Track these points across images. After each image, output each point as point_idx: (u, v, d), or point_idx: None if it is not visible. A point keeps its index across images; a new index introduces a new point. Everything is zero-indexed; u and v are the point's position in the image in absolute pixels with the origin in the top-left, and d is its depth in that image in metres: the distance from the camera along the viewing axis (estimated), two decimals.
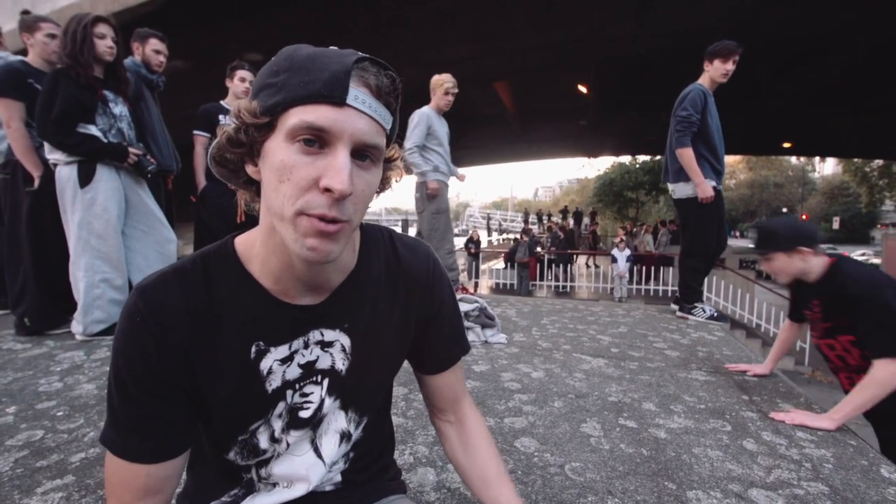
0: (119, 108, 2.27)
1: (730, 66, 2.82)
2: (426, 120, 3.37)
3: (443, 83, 3.40)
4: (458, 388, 0.73)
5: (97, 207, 2.17)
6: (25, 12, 2.61)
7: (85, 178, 2.14)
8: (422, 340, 0.68)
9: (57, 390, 1.65)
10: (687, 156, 2.83)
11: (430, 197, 3.45)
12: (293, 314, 0.55)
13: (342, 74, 0.44)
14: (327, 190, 0.43)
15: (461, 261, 13.29)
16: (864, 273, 1.57)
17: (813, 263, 1.65)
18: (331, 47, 0.48)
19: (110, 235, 2.20)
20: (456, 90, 3.44)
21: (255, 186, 0.52)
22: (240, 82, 3.02)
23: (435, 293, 0.67)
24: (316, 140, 0.44)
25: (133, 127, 2.35)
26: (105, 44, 2.14)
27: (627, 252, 9.39)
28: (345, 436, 0.64)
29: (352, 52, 0.47)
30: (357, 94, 0.45)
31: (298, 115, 0.43)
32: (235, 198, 0.58)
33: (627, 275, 9.23)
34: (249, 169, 0.50)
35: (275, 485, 0.61)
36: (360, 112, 0.45)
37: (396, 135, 0.54)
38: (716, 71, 2.84)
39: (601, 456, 1.28)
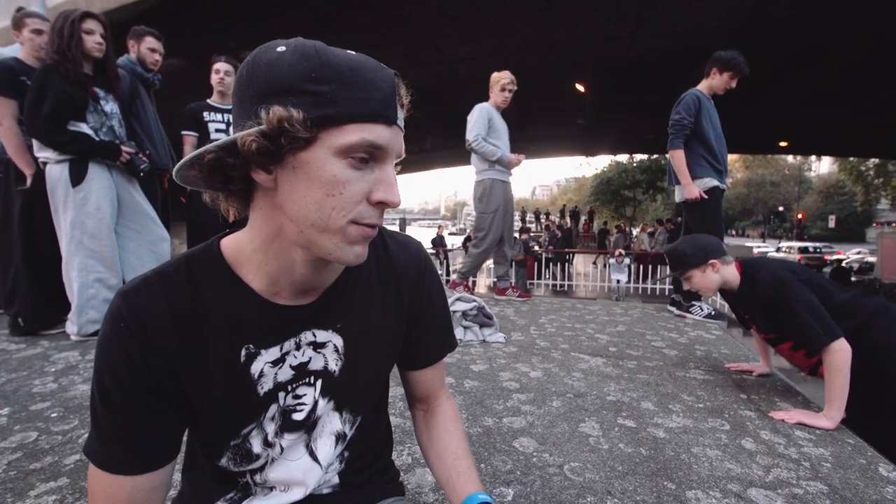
0: (110, 106, 2.24)
1: (733, 84, 2.91)
2: (486, 113, 3.33)
3: (499, 80, 3.36)
4: (437, 382, 0.74)
5: (90, 206, 2.14)
6: (20, 9, 2.58)
7: (77, 177, 2.12)
8: (410, 337, 0.68)
9: (51, 391, 1.64)
10: (677, 157, 2.92)
11: (483, 195, 3.40)
12: (284, 315, 0.54)
13: (392, 95, 0.46)
14: (380, 203, 0.47)
15: (458, 260, 13.29)
16: (770, 275, 1.63)
17: (727, 273, 1.75)
18: (350, 51, 0.47)
19: (104, 235, 2.18)
20: (514, 87, 3.40)
21: (247, 192, 0.50)
22: (214, 74, 2.96)
23: (425, 290, 0.67)
24: (369, 157, 0.46)
25: (123, 125, 2.32)
26: (93, 39, 2.10)
27: (626, 262, 8.86)
28: (340, 437, 0.63)
29: (380, 65, 0.48)
30: (399, 113, 0.48)
31: (358, 134, 0.44)
32: None
33: (625, 279, 8.96)
34: (260, 177, 0.46)
35: (271, 489, 0.60)
36: (400, 129, 0.48)
37: None
38: (720, 82, 2.93)
39: (600, 456, 1.28)
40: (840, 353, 1.48)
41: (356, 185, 0.45)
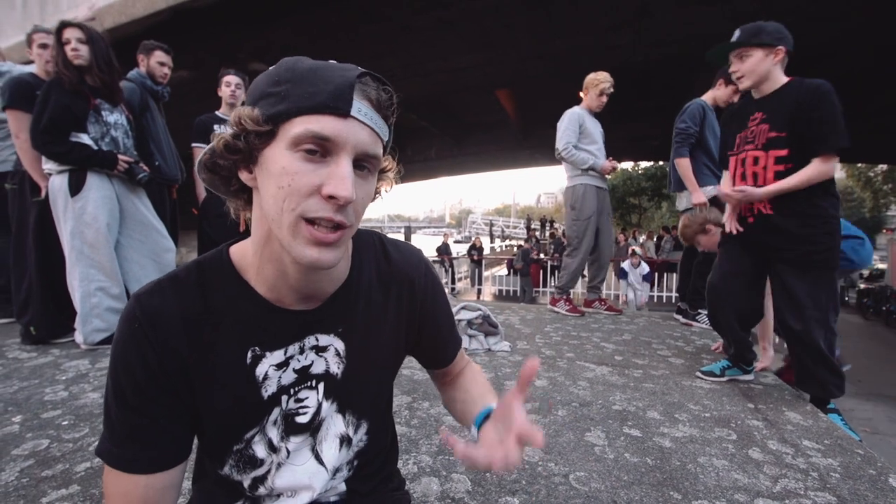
0: (114, 117, 2.25)
1: (735, 98, 2.93)
2: (577, 119, 3.27)
3: (598, 83, 3.27)
4: (461, 364, 0.77)
5: (87, 216, 2.16)
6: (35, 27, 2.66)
7: (75, 187, 2.14)
8: (418, 342, 0.70)
9: (62, 399, 1.66)
10: (683, 165, 2.92)
11: (575, 202, 3.32)
12: (289, 319, 0.56)
13: (346, 87, 0.46)
14: (331, 197, 0.45)
15: (463, 268, 13.29)
16: (822, 81, 1.71)
17: (779, 72, 1.79)
18: (330, 61, 0.49)
19: (101, 244, 2.19)
20: (611, 90, 3.30)
21: (246, 195, 0.53)
22: (225, 87, 3.01)
23: (428, 296, 0.68)
24: (319, 149, 0.45)
25: (131, 135, 2.33)
26: (69, 48, 2.10)
27: (644, 269, 7.01)
28: (344, 440, 0.64)
29: (353, 66, 0.48)
30: (360, 106, 0.46)
31: (303, 125, 0.44)
32: None
33: (645, 295, 6.94)
34: (244, 176, 0.50)
35: (278, 496, 0.61)
36: (362, 123, 0.47)
37: (390, 146, 0.56)
38: (724, 94, 2.97)
39: (606, 465, 1.28)
40: (829, 166, 1.65)
41: (306, 177, 0.45)
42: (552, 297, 3.58)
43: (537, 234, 19.14)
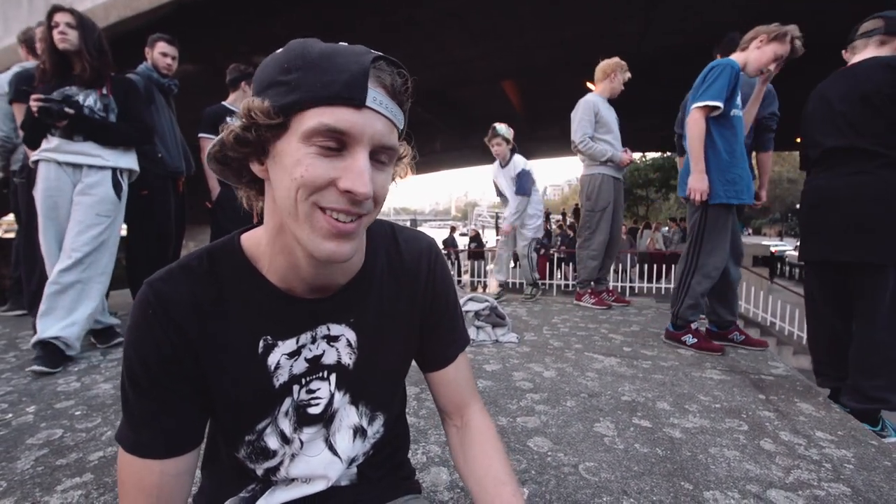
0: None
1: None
2: (592, 107, 3.19)
3: (615, 67, 3.22)
4: (465, 390, 0.70)
5: (35, 208, 2.12)
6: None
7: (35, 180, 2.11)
8: (423, 334, 0.68)
9: (75, 390, 1.68)
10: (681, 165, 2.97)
11: (592, 192, 3.27)
12: (300, 308, 0.56)
13: (361, 75, 0.43)
14: (347, 192, 0.44)
15: (466, 262, 13.26)
16: None
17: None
18: (341, 43, 0.47)
19: (42, 236, 2.11)
20: (628, 74, 3.26)
21: (258, 185, 0.52)
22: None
23: (436, 285, 0.67)
24: (334, 143, 0.44)
25: (107, 117, 2.14)
26: (57, 31, 2.02)
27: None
28: (358, 431, 0.63)
29: (365, 50, 0.46)
30: (375, 95, 0.44)
31: (317, 118, 0.43)
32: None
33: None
34: (255, 168, 0.49)
35: (293, 480, 0.61)
36: (378, 113, 0.45)
37: (405, 132, 0.53)
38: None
39: (615, 456, 1.27)
40: None
41: (321, 169, 0.44)
42: (577, 292, 3.53)
43: (549, 226, 19.06)
